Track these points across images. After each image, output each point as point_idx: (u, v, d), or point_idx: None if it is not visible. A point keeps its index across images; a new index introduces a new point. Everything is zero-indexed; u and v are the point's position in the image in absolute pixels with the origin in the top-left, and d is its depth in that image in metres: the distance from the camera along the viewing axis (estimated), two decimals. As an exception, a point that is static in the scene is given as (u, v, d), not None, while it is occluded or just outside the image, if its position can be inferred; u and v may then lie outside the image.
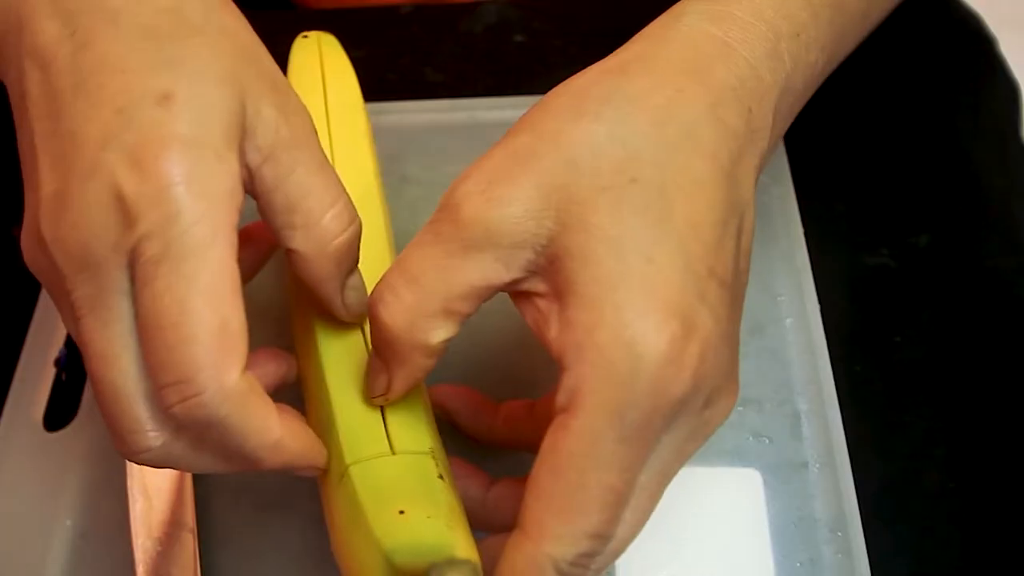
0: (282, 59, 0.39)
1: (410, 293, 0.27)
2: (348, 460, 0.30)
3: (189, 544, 0.35)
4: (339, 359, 0.32)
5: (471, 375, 0.39)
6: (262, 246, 0.35)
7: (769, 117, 0.30)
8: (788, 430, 0.37)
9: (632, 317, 0.25)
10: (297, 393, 0.34)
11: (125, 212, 0.25)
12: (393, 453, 0.31)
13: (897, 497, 0.36)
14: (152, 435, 0.27)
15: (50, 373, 0.42)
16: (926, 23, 0.51)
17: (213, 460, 0.28)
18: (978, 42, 0.51)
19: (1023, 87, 0.50)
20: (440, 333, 0.28)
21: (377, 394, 0.30)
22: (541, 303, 0.27)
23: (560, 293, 0.26)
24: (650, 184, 0.26)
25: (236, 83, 0.27)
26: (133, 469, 0.37)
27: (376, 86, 0.49)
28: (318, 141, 0.30)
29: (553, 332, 0.27)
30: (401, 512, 0.28)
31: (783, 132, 0.34)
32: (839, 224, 0.44)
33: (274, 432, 0.27)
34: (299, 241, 0.29)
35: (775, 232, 0.42)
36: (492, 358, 0.40)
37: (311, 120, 0.30)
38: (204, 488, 0.38)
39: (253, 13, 0.34)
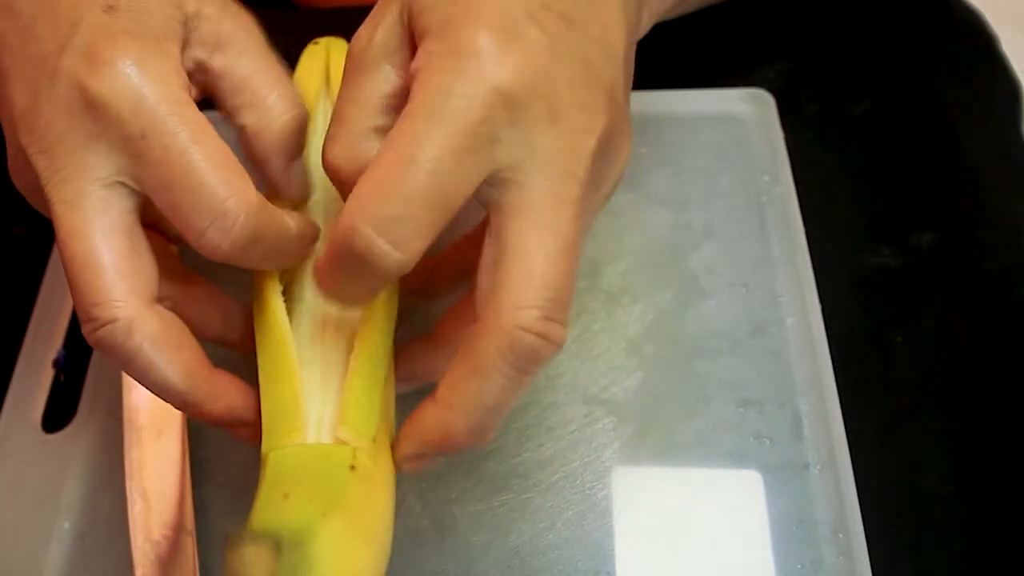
0: (283, 58, 0.39)
1: (339, 128, 0.31)
2: (266, 448, 0.31)
3: (188, 547, 0.35)
4: (273, 348, 0.33)
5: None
6: None
7: None
8: (789, 431, 0.37)
9: (460, 33, 0.28)
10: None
11: (92, 104, 0.28)
12: (314, 441, 0.31)
13: (898, 499, 0.36)
14: (116, 306, 0.29)
15: (48, 374, 0.42)
16: (927, 21, 0.50)
17: (177, 345, 0.30)
18: (979, 40, 0.50)
19: (1024, 85, 0.50)
20: (374, 147, 0.30)
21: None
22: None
23: (417, 54, 0.29)
24: None
25: None
26: (132, 471, 0.37)
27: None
28: (262, 37, 0.33)
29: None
30: (285, 496, 0.29)
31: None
32: (840, 224, 0.44)
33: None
34: (247, 117, 0.33)
35: (775, 232, 0.42)
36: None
37: (253, 19, 0.34)
38: (203, 490, 0.38)
39: (252, 12, 0.34)
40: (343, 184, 0.31)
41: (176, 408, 0.32)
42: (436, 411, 0.29)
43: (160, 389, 0.31)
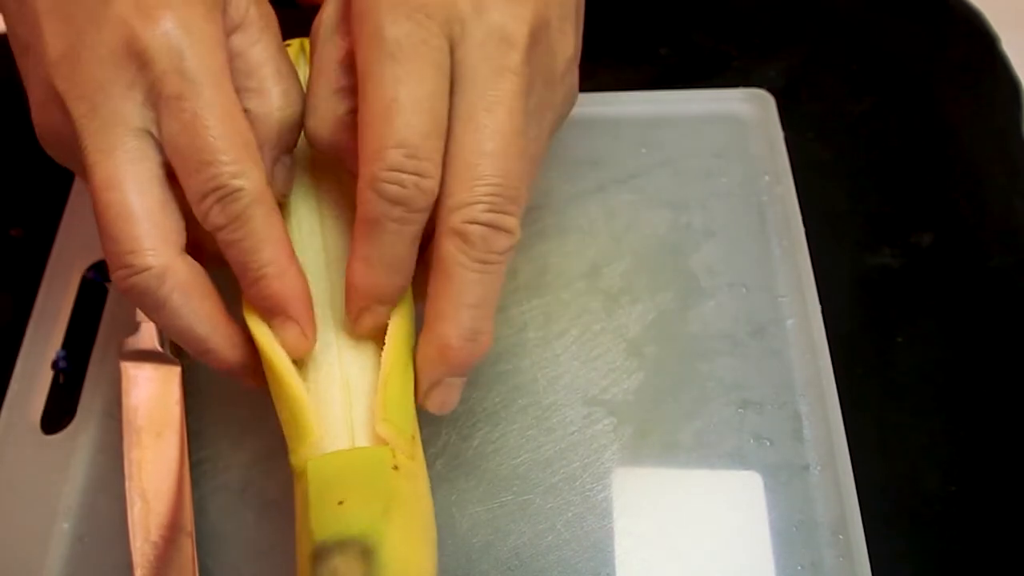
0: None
1: (311, 98, 0.33)
2: (305, 457, 0.31)
3: (187, 547, 0.35)
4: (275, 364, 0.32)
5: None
6: None
7: None
8: (789, 432, 0.37)
9: None
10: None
11: (138, 55, 0.30)
12: (351, 447, 0.31)
13: (899, 500, 0.36)
14: (150, 254, 0.30)
15: (47, 375, 0.42)
16: (927, 21, 0.50)
17: (202, 293, 0.31)
18: (980, 40, 0.50)
19: (1025, 85, 0.50)
20: (340, 105, 0.32)
21: None
22: None
23: None
24: None
25: None
26: (131, 472, 0.37)
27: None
28: (279, 33, 0.34)
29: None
30: (340, 503, 0.29)
31: None
32: (840, 224, 0.44)
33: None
34: (250, 102, 0.33)
35: (776, 232, 0.42)
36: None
37: (275, 17, 0.34)
38: (202, 491, 0.38)
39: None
40: (320, 146, 0.33)
41: (194, 355, 0.33)
42: (427, 331, 0.31)
43: (182, 335, 0.32)
